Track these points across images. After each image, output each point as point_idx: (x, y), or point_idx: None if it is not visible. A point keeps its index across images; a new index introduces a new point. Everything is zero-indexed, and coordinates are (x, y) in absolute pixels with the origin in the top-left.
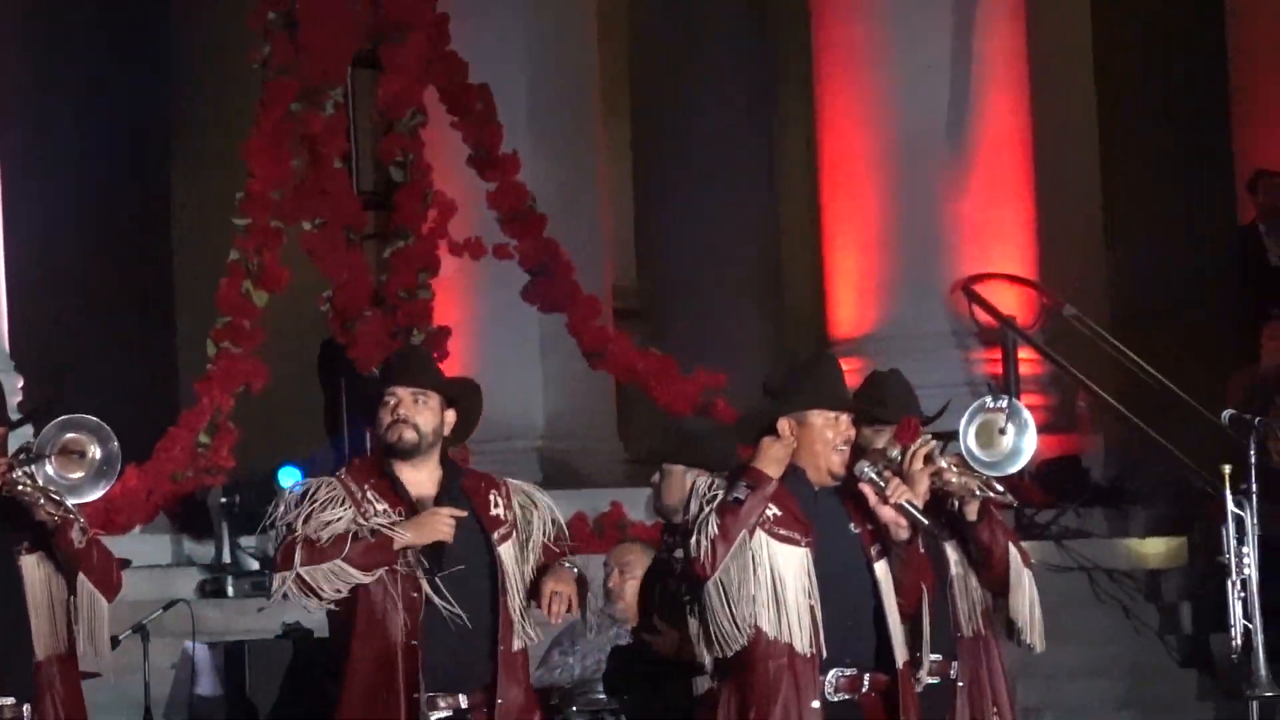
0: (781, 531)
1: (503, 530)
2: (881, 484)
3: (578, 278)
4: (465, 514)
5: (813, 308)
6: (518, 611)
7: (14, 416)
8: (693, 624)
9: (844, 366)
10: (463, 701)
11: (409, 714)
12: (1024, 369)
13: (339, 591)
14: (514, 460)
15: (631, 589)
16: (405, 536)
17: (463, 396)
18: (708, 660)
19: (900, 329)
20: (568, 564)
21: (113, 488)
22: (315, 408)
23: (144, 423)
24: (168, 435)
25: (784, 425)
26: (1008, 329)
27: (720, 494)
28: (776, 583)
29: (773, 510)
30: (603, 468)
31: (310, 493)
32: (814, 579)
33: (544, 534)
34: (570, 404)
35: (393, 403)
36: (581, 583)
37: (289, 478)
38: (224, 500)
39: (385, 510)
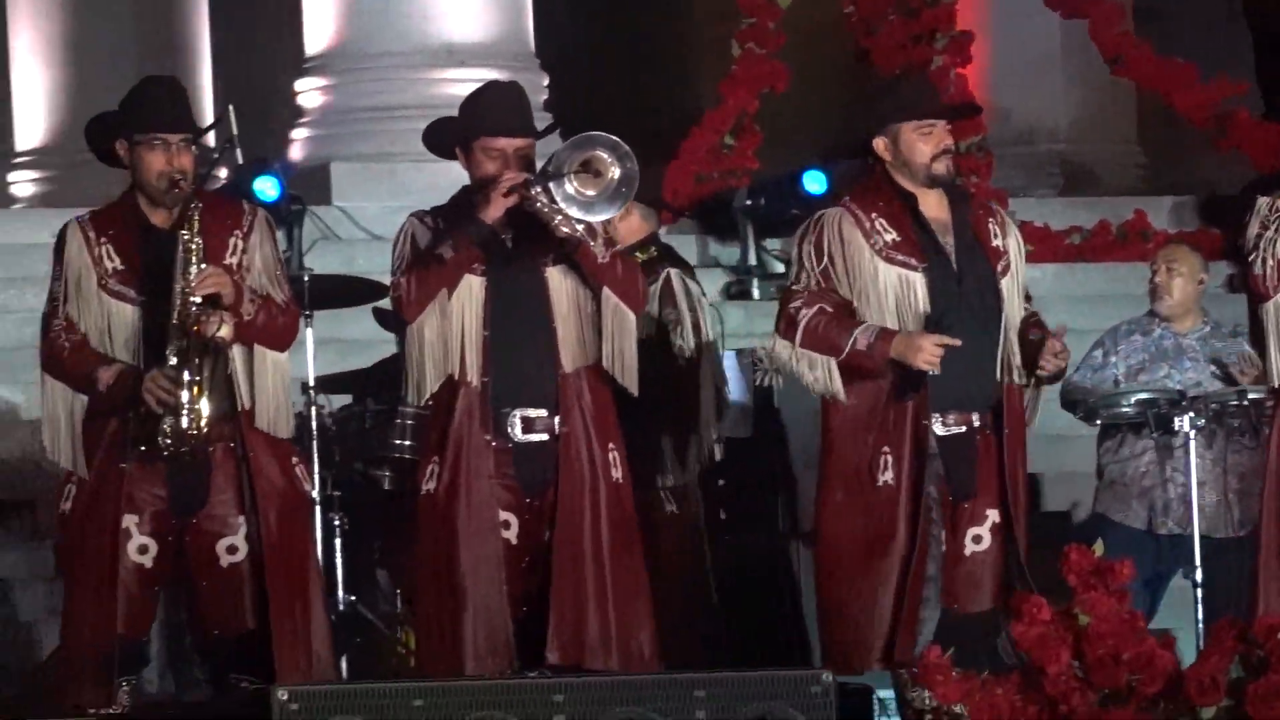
0: None
1: None
2: None
3: None
4: None
5: None
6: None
7: (539, 125)
8: None
9: None
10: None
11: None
12: None
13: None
14: (1034, 163)
15: (1178, 285)
16: None
17: None
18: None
19: None
20: None
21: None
22: (835, 111)
23: (661, 124)
24: (692, 136)
25: None
26: None
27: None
28: None
29: None
30: (1123, 174)
31: (818, 229)
32: None
33: None
34: (1092, 109)
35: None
36: None
37: (814, 181)
38: (749, 202)
39: (893, 240)
